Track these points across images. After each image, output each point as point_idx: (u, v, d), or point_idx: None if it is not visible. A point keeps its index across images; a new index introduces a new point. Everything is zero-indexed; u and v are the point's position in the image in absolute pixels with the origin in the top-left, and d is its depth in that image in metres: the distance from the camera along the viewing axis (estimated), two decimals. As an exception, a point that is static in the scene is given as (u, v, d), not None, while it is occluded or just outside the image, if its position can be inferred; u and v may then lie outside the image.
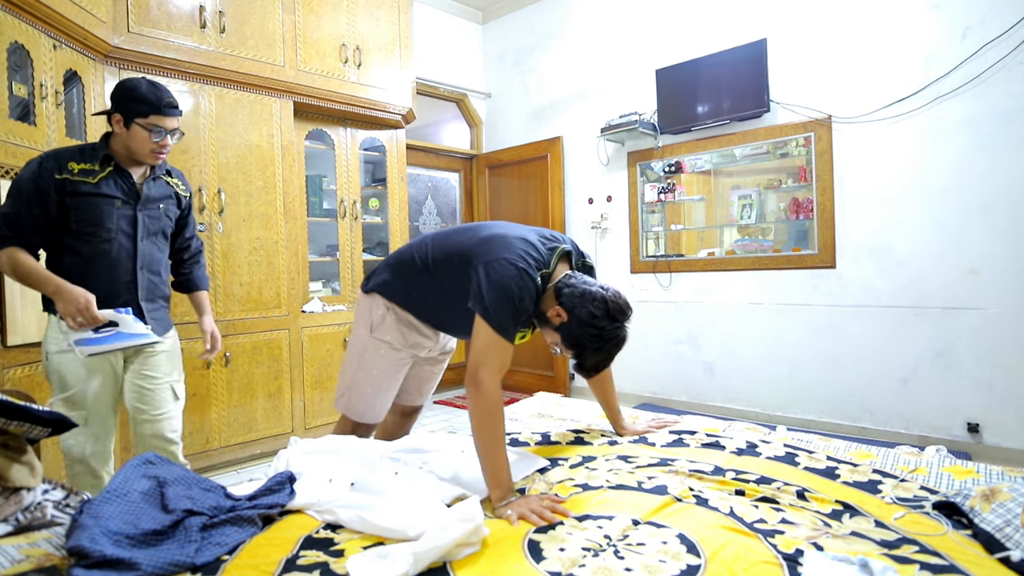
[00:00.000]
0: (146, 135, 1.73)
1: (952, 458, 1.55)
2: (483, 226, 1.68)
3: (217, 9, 2.97)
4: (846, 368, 3.32)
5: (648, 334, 4.15)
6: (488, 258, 1.50)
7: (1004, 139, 2.82)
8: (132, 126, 1.72)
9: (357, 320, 1.87)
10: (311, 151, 3.62)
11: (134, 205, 1.81)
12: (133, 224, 1.81)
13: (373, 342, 1.81)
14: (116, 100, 1.74)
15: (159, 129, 1.73)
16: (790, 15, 3.46)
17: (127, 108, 1.72)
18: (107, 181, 1.75)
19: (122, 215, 1.78)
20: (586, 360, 1.52)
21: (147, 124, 1.72)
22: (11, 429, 1.17)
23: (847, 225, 3.30)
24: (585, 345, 1.48)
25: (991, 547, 1.03)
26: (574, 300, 1.47)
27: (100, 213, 1.73)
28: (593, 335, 1.46)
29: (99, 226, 1.74)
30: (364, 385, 1.82)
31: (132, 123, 1.72)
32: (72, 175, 1.70)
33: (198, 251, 2.12)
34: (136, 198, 1.81)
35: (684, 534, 1.12)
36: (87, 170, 1.73)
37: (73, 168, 1.71)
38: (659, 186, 4.06)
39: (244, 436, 3.07)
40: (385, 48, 3.72)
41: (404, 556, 0.97)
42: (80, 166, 1.72)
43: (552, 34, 4.68)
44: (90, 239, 1.73)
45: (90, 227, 1.73)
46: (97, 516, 1.02)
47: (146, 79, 1.76)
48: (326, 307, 3.51)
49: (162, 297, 1.93)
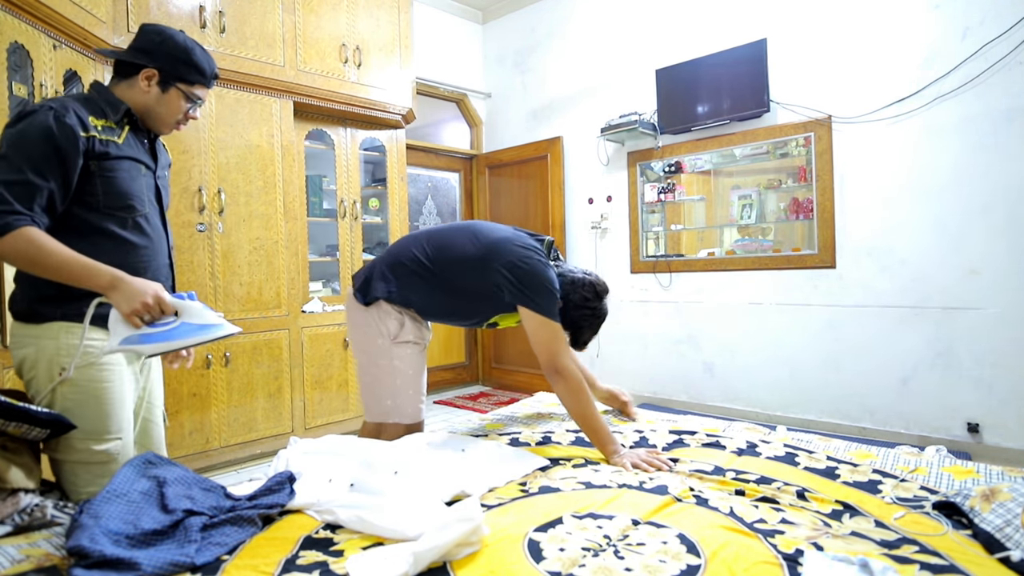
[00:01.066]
0: (182, 102, 1.45)
1: (952, 458, 1.55)
2: (473, 226, 1.81)
3: (217, 9, 2.97)
4: (846, 368, 3.32)
5: (648, 334, 4.15)
6: (511, 259, 1.66)
7: (1004, 139, 2.82)
8: (171, 89, 1.42)
9: (366, 331, 1.82)
10: (311, 151, 3.62)
11: (154, 173, 1.48)
12: (158, 196, 1.49)
13: (398, 346, 1.80)
14: (160, 55, 1.40)
15: (199, 100, 1.49)
16: (790, 15, 3.46)
17: (175, 69, 1.41)
18: (128, 142, 1.40)
19: (148, 185, 1.45)
20: (582, 336, 1.78)
21: (190, 93, 1.45)
22: (9, 430, 1.17)
23: (847, 225, 3.30)
24: (582, 324, 1.75)
25: (991, 547, 1.03)
26: (567, 287, 1.73)
27: (134, 183, 1.38)
28: (588, 315, 1.75)
29: (136, 198, 1.38)
30: (406, 388, 1.83)
31: (172, 86, 1.42)
32: (98, 133, 1.32)
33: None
34: (154, 160, 1.49)
35: (684, 534, 1.12)
36: (108, 127, 1.36)
37: (96, 125, 1.33)
38: (659, 186, 4.06)
39: (244, 436, 3.07)
40: (385, 48, 3.72)
41: (404, 556, 0.96)
42: (100, 122, 1.35)
43: (552, 34, 4.68)
44: (124, 217, 1.37)
45: (125, 201, 1.36)
46: (97, 516, 1.02)
47: (195, 41, 1.46)
48: (326, 307, 3.51)
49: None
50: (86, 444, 1.32)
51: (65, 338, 1.30)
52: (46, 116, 1.25)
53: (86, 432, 1.31)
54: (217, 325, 1.25)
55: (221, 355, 2.98)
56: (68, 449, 1.31)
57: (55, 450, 1.32)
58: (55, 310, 1.30)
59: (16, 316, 1.33)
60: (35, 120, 1.25)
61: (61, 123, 1.25)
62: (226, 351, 2.99)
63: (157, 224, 1.47)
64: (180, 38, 1.43)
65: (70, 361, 1.27)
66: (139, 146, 1.43)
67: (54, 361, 1.30)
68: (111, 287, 1.23)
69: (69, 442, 1.31)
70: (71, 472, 1.33)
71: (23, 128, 1.25)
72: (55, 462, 1.34)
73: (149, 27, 1.44)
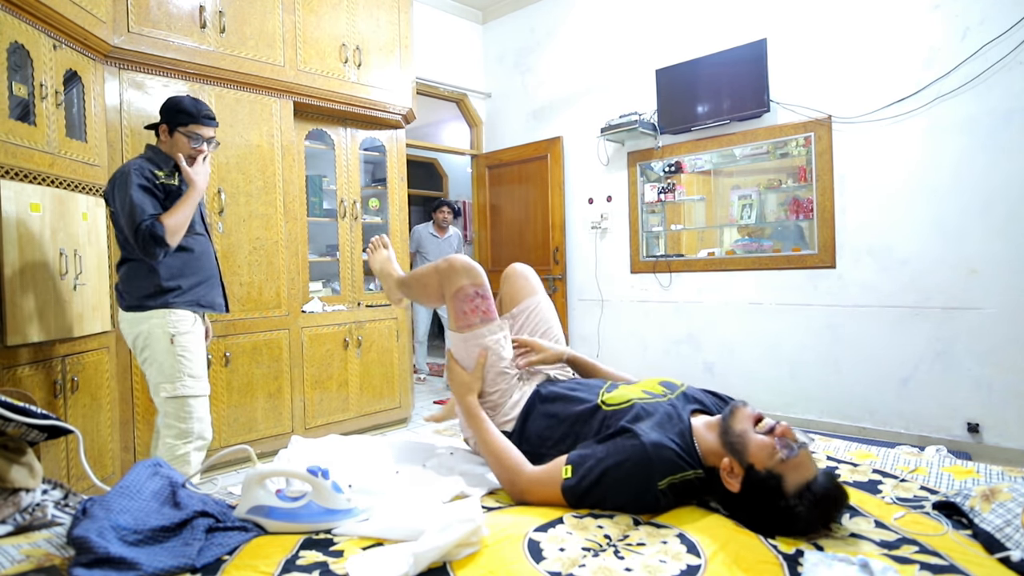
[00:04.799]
0: (185, 141, 2.03)
1: (952, 458, 1.55)
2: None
3: (217, 9, 2.97)
4: (846, 368, 3.32)
5: (648, 334, 4.16)
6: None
7: (1004, 139, 2.82)
8: (175, 134, 2.03)
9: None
10: (311, 151, 3.62)
11: (200, 204, 2.15)
12: (203, 219, 2.18)
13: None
14: (163, 112, 2.05)
15: (197, 136, 2.04)
16: (790, 15, 3.46)
17: (172, 118, 2.03)
18: (182, 183, 2.06)
19: (196, 212, 2.10)
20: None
21: (187, 132, 2.03)
22: (9, 431, 1.17)
23: (847, 225, 3.30)
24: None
25: (991, 547, 1.03)
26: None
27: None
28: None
29: (194, 221, 2.07)
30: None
31: (175, 131, 2.02)
32: (163, 179, 2.01)
33: None
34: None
35: (684, 534, 1.11)
36: (168, 174, 2.03)
37: (160, 174, 2.01)
38: (659, 186, 4.06)
39: (244, 436, 3.07)
40: (385, 48, 3.72)
41: (404, 556, 0.96)
42: (160, 172, 2.02)
43: (552, 34, 4.68)
44: (189, 234, 2.05)
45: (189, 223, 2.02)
46: (109, 508, 1.02)
47: (189, 96, 2.10)
48: (326, 307, 3.51)
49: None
50: (197, 383, 2.05)
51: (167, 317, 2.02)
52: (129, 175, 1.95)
53: (195, 375, 2.05)
54: (344, 511, 1.15)
55: (221, 355, 2.98)
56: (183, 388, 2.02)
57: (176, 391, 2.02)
58: (154, 302, 2.00)
59: (127, 308, 2.04)
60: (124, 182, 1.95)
61: (140, 175, 1.96)
62: (226, 351, 2.99)
63: (206, 238, 2.17)
64: (176, 97, 2.07)
65: (173, 332, 2.00)
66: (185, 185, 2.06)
67: (166, 331, 2.01)
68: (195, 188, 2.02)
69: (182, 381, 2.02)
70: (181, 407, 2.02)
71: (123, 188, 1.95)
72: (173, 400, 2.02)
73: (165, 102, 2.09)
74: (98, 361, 2.50)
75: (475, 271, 1.50)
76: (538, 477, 1.28)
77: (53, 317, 2.20)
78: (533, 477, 1.28)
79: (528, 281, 1.83)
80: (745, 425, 1.19)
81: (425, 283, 1.62)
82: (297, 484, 1.18)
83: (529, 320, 1.75)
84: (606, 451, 1.23)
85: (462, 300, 1.48)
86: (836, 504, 1.10)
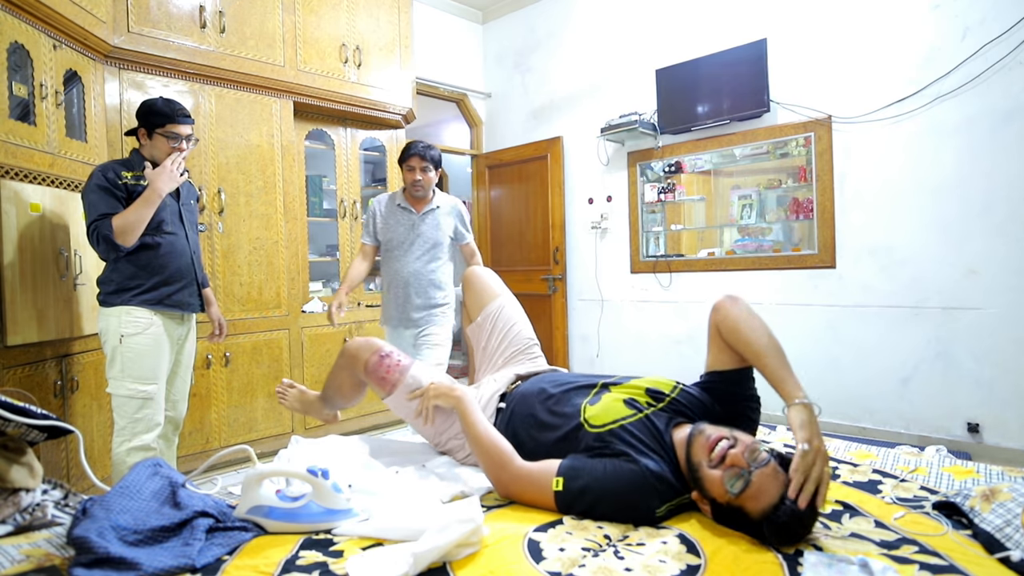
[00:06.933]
0: (165, 142, 2.05)
1: (952, 458, 1.55)
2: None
3: (217, 9, 2.97)
4: (846, 368, 3.31)
5: (648, 334, 4.15)
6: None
7: (1004, 139, 2.82)
8: (154, 136, 2.05)
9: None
10: (311, 151, 3.62)
11: (177, 201, 2.17)
12: (180, 217, 2.17)
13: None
14: (139, 116, 2.07)
15: (175, 135, 2.05)
16: (790, 15, 3.46)
17: (148, 121, 2.05)
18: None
19: (172, 211, 2.13)
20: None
21: (165, 132, 2.04)
22: (9, 431, 1.17)
23: (847, 225, 3.30)
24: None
25: (991, 547, 1.03)
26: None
27: (161, 209, 2.04)
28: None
29: (162, 220, 2.07)
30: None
31: (154, 134, 2.05)
32: (128, 180, 2.02)
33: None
34: (177, 196, 2.17)
35: (684, 534, 1.12)
36: (138, 175, 2.04)
37: (127, 176, 2.03)
38: (659, 186, 4.05)
39: (244, 436, 3.07)
40: (385, 48, 3.72)
41: (404, 556, 0.96)
42: (127, 174, 2.04)
43: (552, 34, 4.68)
44: (157, 233, 2.06)
45: (155, 221, 2.03)
46: (109, 508, 1.02)
47: (161, 97, 2.11)
48: (326, 307, 3.51)
49: (205, 284, 2.31)
50: (135, 385, 2.01)
51: (122, 316, 2.01)
52: (96, 175, 1.99)
53: (135, 377, 2.01)
54: (343, 512, 1.15)
55: (221, 355, 2.98)
56: (121, 387, 2.00)
57: (115, 388, 2.01)
58: (116, 299, 2.01)
59: (99, 303, 2.05)
60: (91, 180, 1.99)
61: (104, 176, 1.98)
62: (226, 351, 2.99)
63: (182, 237, 2.15)
64: (150, 100, 2.08)
65: (123, 332, 1.99)
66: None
67: (117, 330, 2.00)
68: (152, 189, 1.97)
69: (122, 382, 2.00)
70: (122, 404, 2.01)
71: (88, 187, 1.99)
72: (115, 397, 2.02)
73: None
74: (98, 361, 2.50)
75: (368, 342, 1.57)
76: (526, 474, 1.28)
77: (53, 317, 2.20)
78: (521, 472, 1.28)
79: (488, 284, 1.86)
80: (700, 458, 1.18)
81: (339, 384, 1.65)
82: (297, 484, 1.18)
83: (496, 325, 1.80)
84: (603, 471, 1.21)
85: (373, 370, 1.53)
86: (803, 525, 1.07)
